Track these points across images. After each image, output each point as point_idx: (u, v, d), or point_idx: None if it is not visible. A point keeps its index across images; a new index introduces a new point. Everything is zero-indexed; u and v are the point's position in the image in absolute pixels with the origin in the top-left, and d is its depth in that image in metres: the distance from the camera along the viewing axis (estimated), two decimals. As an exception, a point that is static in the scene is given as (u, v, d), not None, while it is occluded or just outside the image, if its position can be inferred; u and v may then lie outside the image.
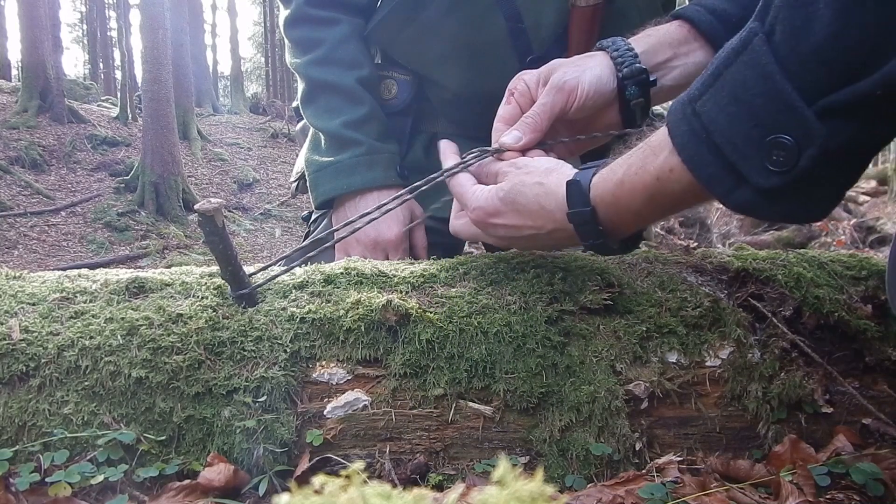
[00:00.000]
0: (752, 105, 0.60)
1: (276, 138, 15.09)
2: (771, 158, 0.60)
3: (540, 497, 0.29)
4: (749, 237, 6.46)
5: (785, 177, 0.60)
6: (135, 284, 0.86)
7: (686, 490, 0.72)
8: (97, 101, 16.02)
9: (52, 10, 13.06)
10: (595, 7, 1.16)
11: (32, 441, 0.75)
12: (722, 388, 0.84)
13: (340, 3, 1.32)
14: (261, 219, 11.18)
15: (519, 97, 0.96)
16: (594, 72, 0.93)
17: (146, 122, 10.23)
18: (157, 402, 0.78)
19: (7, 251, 8.22)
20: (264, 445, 0.77)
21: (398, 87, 1.36)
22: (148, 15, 10.34)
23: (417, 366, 0.81)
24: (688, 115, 0.66)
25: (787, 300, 0.87)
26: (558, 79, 0.92)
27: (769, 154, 0.60)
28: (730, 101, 0.62)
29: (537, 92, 0.95)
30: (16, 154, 10.45)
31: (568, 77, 0.92)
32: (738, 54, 0.62)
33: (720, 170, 0.64)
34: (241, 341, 0.81)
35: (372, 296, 0.83)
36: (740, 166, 0.62)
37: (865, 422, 0.84)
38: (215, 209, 0.78)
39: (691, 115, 0.65)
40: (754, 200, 0.63)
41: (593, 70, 0.94)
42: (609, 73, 0.94)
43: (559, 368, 0.82)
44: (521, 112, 0.95)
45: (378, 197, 1.28)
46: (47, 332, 0.79)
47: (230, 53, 26.35)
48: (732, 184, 0.64)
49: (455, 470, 0.80)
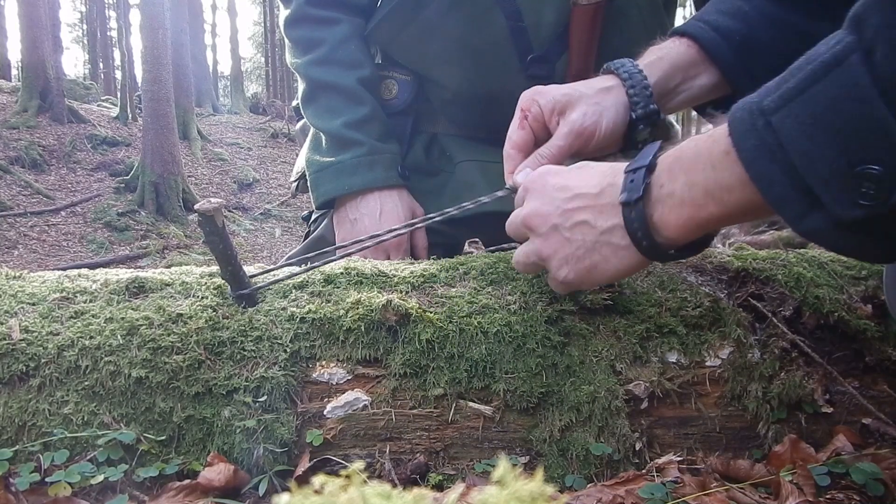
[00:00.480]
0: (843, 130, 0.55)
1: (276, 138, 15.09)
2: (858, 190, 0.54)
3: (540, 497, 0.29)
4: (749, 237, 6.46)
5: (870, 210, 0.55)
6: (135, 284, 0.86)
7: (686, 490, 0.72)
8: (97, 101, 16.02)
9: (52, 9, 13.06)
10: (596, 6, 1.16)
11: (32, 441, 0.75)
12: (722, 387, 0.84)
13: (341, 3, 1.32)
14: (261, 219, 11.18)
15: (532, 122, 0.94)
16: (611, 115, 0.91)
17: (146, 121, 10.23)
18: (157, 402, 0.78)
19: (7, 251, 8.22)
20: (264, 445, 0.77)
21: (398, 87, 1.36)
22: (148, 15, 10.34)
23: (417, 366, 0.81)
24: (759, 128, 0.60)
25: (787, 300, 0.87)
26: (577, 122, 0.90)
27: (856, 184, 0.54)
28: (816, 123, 0.56)
29: (552, 120, 0.92)
30: (16, 154, 10.45)
31: (587, 122, 0.90)
32: (829, 70, 0.55)
33: (793, 192, 0.59)
34: (241, 341, 0.81)
35: (372, 296, 0.83)
36: (820, 193, 0.57)
37: (865, 422, 0.84)
38: (215, 209, 0.78)
39: (763, 128, 0.59)
40: (827, 230, 0.58)
41: (610, 113, 0.91)
42: (624, 111, 0.93)
43: (559, 368, 0.82)
44: (535, 138, 0.93)
45: (379, 197, 1.28)
46: (47, 332, 0.79)
47: (230, 53, 26.35)
48: (805, 209, 0.59)
49: (455, 470, 0.80)
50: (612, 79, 0.95)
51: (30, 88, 11.70)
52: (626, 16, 1.20)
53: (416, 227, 0.93)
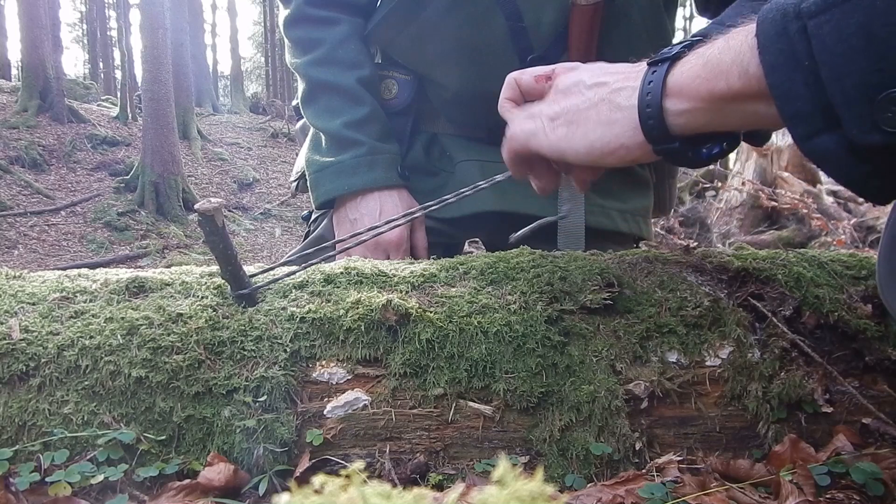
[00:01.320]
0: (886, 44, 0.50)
1: (276, 138, 15.09)
2: (884, 114, 0.51)
3: (540, 497, 0.29)
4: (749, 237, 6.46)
5: (891, 138, 0.51)
6: (135, 284, 0.86)
7: (686, 490, 0.72)
8: (97, 101, 16.01)
9: (51, 9, 13.05)
10: (595, 6, 1.16)
11: (32, 441, 0.75)
12: (722, 387, 0.84)
13: (340, 3, 1.32)
14: (261, 218, 11.18)
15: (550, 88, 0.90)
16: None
17: (146, 121, 10.22)
18: (157, 402, 0.78)
19: (7, 251, 8.22)
20: (264, 445, 0.77)
21: (398, 86, 1.36)
22: (148, 14, 10.34)
23: (417, 365, 0.81)
24: (791, 33, 0.55)
25: (787, 300, 0.87)
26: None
27: (884, 108, 0.51)
28: (858, 33, 0.51)
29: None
30: (16, 154, 10.45)
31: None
32: None
33: (810, 107, 0.55)
34: (241, 341, 0.81)
35: (372, 295, 0.83)
36: (840, 111, 0.53)
37: (865, 421, 0.84)
38: (215, 209, 0.78)
39: (796, 33, 0.54)
40: (837, 154, 0.55)
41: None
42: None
43: (559, 368, 0.82)
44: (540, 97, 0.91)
45: (379, 197, 1.28)
46: (47, 332, 0.79)
47: (230, 53, 26.34)
48: (819, 127, 0.55)
49: (455, 469, 0.80)
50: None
51: (30, 88, 11.70)
52: (627, 16, 1.20)
53: (415, 218, 0.93)
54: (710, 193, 8.07)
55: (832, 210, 7.17)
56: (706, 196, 8.24)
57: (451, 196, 0.95)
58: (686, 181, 8.51)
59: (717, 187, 7.63)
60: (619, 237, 1.36)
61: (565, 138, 0.74)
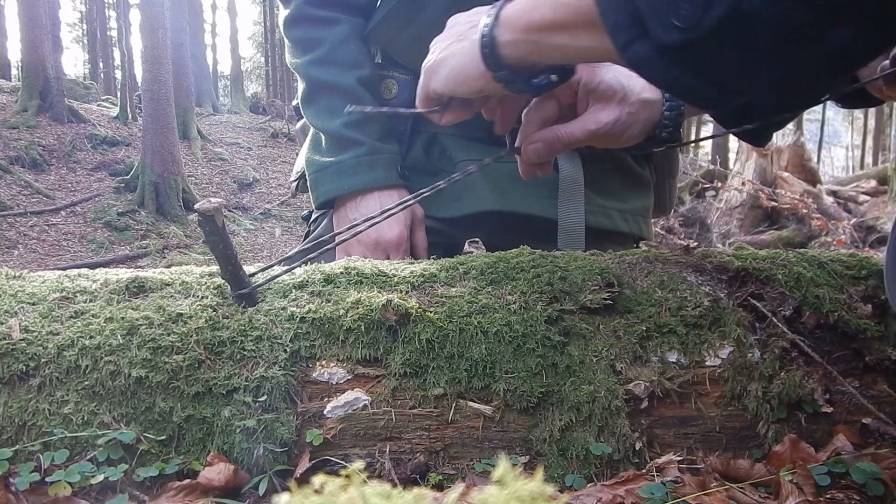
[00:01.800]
0: None
1: (276, 138, 15.08)
2: (677, 11, 0.54)
3: (540, 496, 0.29)
4: (749, 237, 6.46)
5: (686, 34, 0.55)
6: (135, 284, 0.86)
7: (686, 489, 0.72)
8: (97, 101, 16.01)
9: (51, 9, 13.04)
10: (595, 6, 1.16)
11: (32, 440, 0.75)
12: (722, 387, 0.84)
13: (340, 3, 1.32)
14: (261, 218, 11.18)
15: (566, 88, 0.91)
16: (637, 130, 0.90)
17: (146, 121, 10.22)
18: (157, 402, 0.78)
19: (7, 251, 8.22)
20: (264, 445, 0.77)
21: (399, 86, 1.36)
22: (148, 14, 10.34)
23: (417, 365, 0.81)
24: None
25: (786, 300, 0.87)
26: (605, 127, 0.88)
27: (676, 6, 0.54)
28: None
29: (585, 98, 0.91)
30: (16, 154, 10.45)
31: (615, 131, 0.89)
32: None
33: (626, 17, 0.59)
34: (241, 341, 0.81)
35: (372, 295, 0.83)
36: (645, 15, 0.57)
37: (865, 421, 0.84)
38: (215, 209, 0.78)
39: None
40: (650, 57, 0.58)
41: (637, 128, 0.90)
42: (650, 128, 0.92)
43: (559, 368, 0.82)
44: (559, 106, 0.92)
45: (379, 197, 1.28)
46: (47, 332, 0.79)
47: (230, 53, 26.34)
48: (635, 34, 0.59)
49: (455, 469, 0.80)
50: (656, 91, 0.92)
51: (30, 88, 11.69)
52: None
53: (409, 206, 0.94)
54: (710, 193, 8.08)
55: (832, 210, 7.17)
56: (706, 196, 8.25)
57: (443, 182, 0.95)
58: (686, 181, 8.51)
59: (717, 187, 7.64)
60: (619, 237, 1.36)
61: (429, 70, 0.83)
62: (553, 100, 0.91)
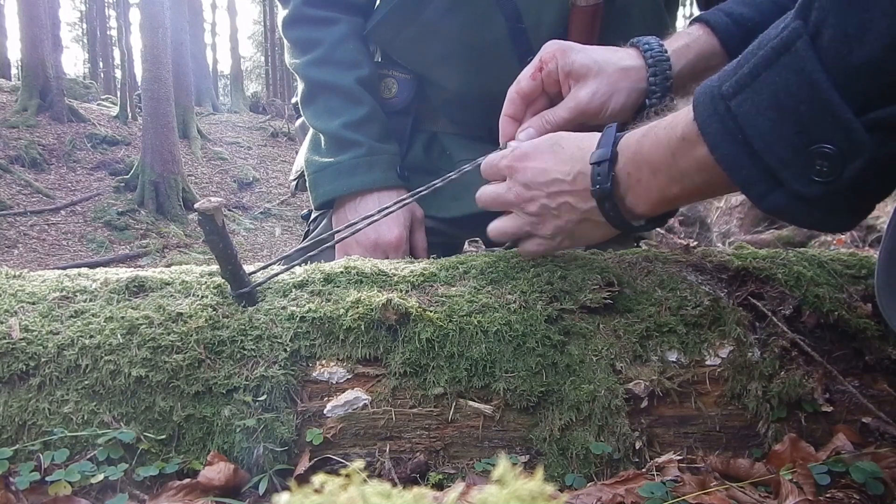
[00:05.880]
0: (796, 112, 0.58)
1: (275, 137, 15.09)
2: (814, 168, 0.58)
3: (540, 496, 0.29)
4: (749, 236, 6.46)
5: (827, 187, 0.58)
6: (135, 283, 0.86)
7: (686, 489, 0.72)
8: (97, 100, 16.01)
9: (51, 8, 13.05)
10: (595, 7, 1.16)
11: (32, 440, 0.75)
12: (722, 386, 0.84)
13: (339, 3, 1.32)
14: (261, 218, 11.18)
15: (546, 76, 0.96)
16: (621, 98, 0.94)
17: (146, 120, 10.22)
18: (157, 401, 0.78)
19: (7, 250, 8.22)
20: (264, 444, 0.77)
21: (398, 86, 1.36)
22: (148, 14, 10.34)
23: (417, 365, 0.81)
24: (720, 112, 0.63)
25: (786, 299, 0.87)
26: (584, 101, 0.93)
27: (812, 163, 0.58)
28: (771, 106, 0.59)
29: (565, 83, 0.95)
30: (15, 153, 10.45)
31: (594, 103, 0.93)
32: (779, 55, 0.58)
33: (756, 172, 0.62)
34: (241, 340, 0.81)
35: (372, 295, 0.83)
36: (779, 172, 0.60)
37: (865, 420, 0.84)
38: (215, 208, 0.78)
39: (724, 112, 0.63)
40: (791, 205, 0.62)
41: (621, 96, 0.94)
42: (637, 97, 0.95)
43: (559, 367, 0.82)
44: (543, 90, 0.98)
45: (378, 198, 1.28)
46: (47, 331, 0.79)
47: (230, 52, 26.33)
48: (769, 187, 0.62)
49: (455, 469, 0.80)
50: (636, 57, 0.96)
51: (29, 87, 11.69)
52: (628, 16, 1.20)
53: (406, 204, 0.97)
54: (710, 193, 8.04)
55: (832, 209, 7.13)
56: (706, 195, 8.20)
57: (439, 180, 0.97)
58: (686, 180, 8.44)
59: (716, 187, 7.61)
60: (619, 236, 1.36)
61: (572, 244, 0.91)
62: (537, 81, 0.97)
